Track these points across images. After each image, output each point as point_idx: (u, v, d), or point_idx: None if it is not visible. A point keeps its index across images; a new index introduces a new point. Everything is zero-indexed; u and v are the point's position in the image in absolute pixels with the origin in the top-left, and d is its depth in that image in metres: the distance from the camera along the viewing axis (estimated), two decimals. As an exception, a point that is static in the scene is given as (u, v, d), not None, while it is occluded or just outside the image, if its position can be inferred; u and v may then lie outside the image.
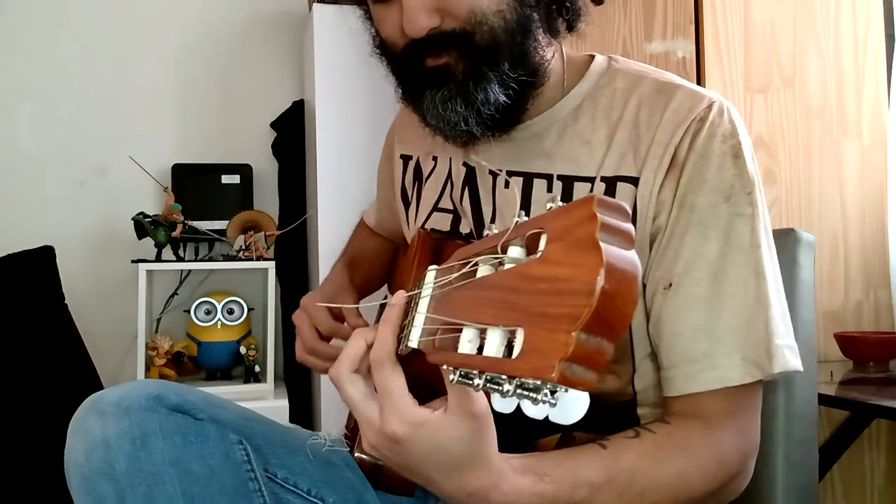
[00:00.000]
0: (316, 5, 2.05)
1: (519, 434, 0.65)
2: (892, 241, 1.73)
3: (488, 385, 0.42)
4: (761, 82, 1.69)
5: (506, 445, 0.60)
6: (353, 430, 0.89)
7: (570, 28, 0.81)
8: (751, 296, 0.72)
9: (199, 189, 2.26)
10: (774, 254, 0.77)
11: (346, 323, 0.97)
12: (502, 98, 0.75)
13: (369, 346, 0.59)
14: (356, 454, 0.81)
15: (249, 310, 2.12)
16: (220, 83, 2.38)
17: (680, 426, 0.71)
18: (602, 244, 0.36)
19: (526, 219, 0.44)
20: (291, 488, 0.81)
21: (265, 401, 1.94)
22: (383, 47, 0.81)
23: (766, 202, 0.79)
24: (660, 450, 0.68)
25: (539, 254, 0.40)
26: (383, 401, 0.56)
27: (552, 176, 0.81)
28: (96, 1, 2.30)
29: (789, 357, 0.73)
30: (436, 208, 0.92)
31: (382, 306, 1.18)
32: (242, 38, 2.39)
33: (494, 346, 0.42)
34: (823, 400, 1.26)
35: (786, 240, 0.98)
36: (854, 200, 1.74)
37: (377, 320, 0.69)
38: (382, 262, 1.18)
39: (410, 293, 0.58)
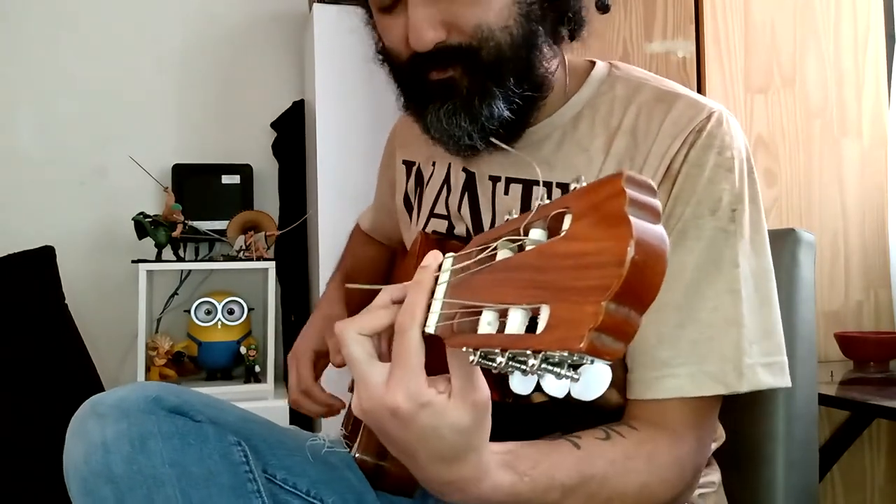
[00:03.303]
0: (316, 5, 2.05)
1: (519, 433, 0.65)
2: (892, 241, 1.73)
3: (510, 364, 0.42)
4: (761, 82, 1.69)
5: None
6: (351, 431, 0.89)
7: (573, 37, 0.81)
8: (721, 313, 0.72)
9: (199, 189, 2.26)
10: (766, 271, 0.76)
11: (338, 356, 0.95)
12: (506, 114, 0.75)
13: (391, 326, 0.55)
14: (356, 455, 0.81)
15: (250, 310, 2.12)
16: (220, 83, 2.38)
17: (649, 436, 0.71)
18: (631, 217, 0.36)
19: (548, 201, 0.44)
20: (290, 489, 0.81)
21: (265, 401, 1.94)
22: (386, 55, 0.80)
23: (767, 202, 0.78)
24: (629, 459, 0.68)
25: (564, 232, 0.40)
26: (395, 368, 0.52)
27: (552, 183, 0.80)
28: (96, 1, 2.30)
29: (763, 376, 0.72)
30: (432, 214, 0.92)
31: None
32: (242, 38, 2.39)
33: (516, 324, 0.42)
34: (823, 400, 1.26)
35: (786, 240, 0.98)
36: (854, 200, 1.74)
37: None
38: (380, 271, 1.18)
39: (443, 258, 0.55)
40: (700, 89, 1.66)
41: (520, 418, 0.79)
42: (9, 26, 2.24)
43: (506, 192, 0.84)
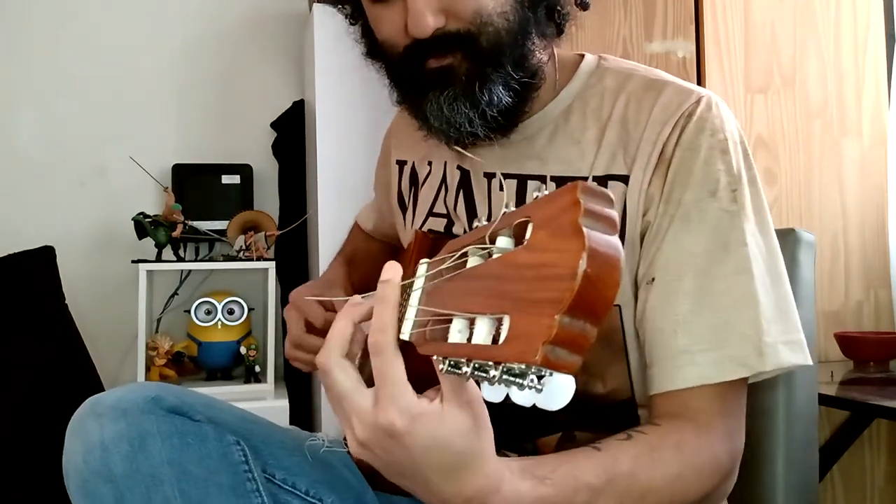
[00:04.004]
0: (316, 5, 2.05)
1: (519, 433, 0.65)
2: (892, 241, 1.73)
3: (476, 373, 0.42)
4: (761, 82, 1.69)
5: (506, 444, 0.60)
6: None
7: (560, 31, 0.81)
8: (735, 293, 0.71)
9: (199, 189, 2.26)
10: (773, 250, 0.76)
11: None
12: (506, 100, 0.75)
13: (356, 324, 0.55)
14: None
15: (250, 310, 2.12)
16: (220, 83, 2.37)
17: (672, 428, 0.70)
18: (585, 229, 0.36)
19: (513, 209, 0.45)
20: (290, 489, 0.80)
21: (265, 401, 1.94)
22: (377, 49, 0.80)
23: (766, 202, 0.78)
24: (655, 451, 0.67)
25: (525, 242, 0.40)
26: (381, 389, 0.51)
27: (546, 177, 0.81)
28: (96, 1, 2.30)
29: (784, 354, 0.71)
30: (431, 213, 0.92)
31: None
32: (243, 38, 2.39)
33: (483, 334, 0.42)
34: (823, 400, 1.26)
35: (786, 240, 0.98)
36: (854, 200, 1.74)
37: None
38: (375, 262, 1.18)
39: (405, 282, 0.56)
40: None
41: (518, 419, 0.78)
42: (9, 26, 2.24)
43: (501, 188, 0.84)
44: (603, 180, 0.77)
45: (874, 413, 1.42)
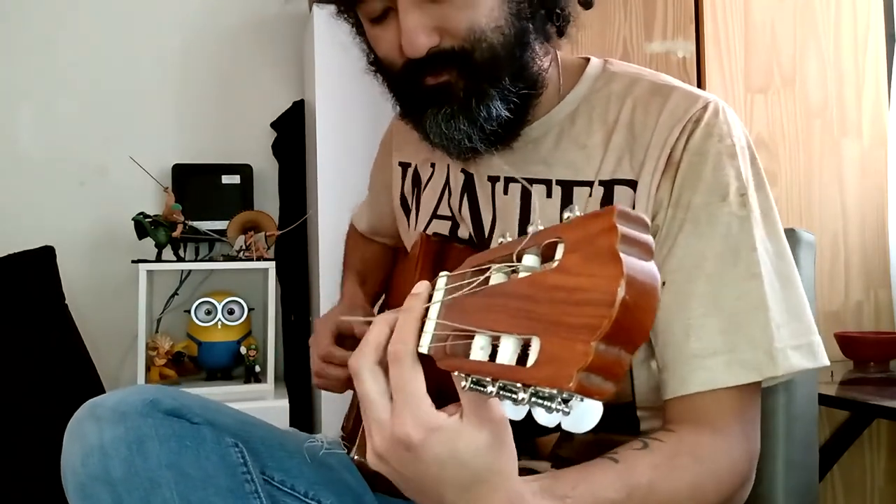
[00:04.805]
0: (316, 6, 2.05)
1: (517, 432, 0.65)
2: (892, 241, 1.73)
3: (501, 393, 0.42)
4: (761, 82, 1.69)
5: None
6: (350, 432, 0.89)
7: (561, 33, 0.81)
8: (745, 298, 0.71)
9: (199, 189, 2.26)
10: (782, 253, 0.76)
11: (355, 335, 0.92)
12: (504, 113, 0.75)
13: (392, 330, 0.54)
14: (354, 456, 0.81)
15: (250, 310, 2.12)
16: (220, 83, 2.37)
17: (688, 434, 0.69)
18: (622, 255, 0.36)
19: (542, 228, 0.44)
20: (288, 491, 0.80)
21: (265, 401, 1.94)
22: (379, 65, 0.80)
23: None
24: (672, 460, 0.66)
25: (556, 263, 0.40)
26: (398, 399, 0.51)
27: (551, 181, 0.80)
28: (96, 2, 2.30)
29: (795, 358, 0.71)
30: (435, 215, 0.92)
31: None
32: (243, 38, 2.39)
33: (508, 354, 0.42)
34: (824, 400, 1.25)
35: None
36: (854, 200, 1.74)
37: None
38: (384, 269, 1.18)
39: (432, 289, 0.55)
40: (700, 89, 1.66)
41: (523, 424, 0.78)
42: (9, 26, 2.24)
43: (505, 192, 0.84)
44: (609, 184, 0.77)
45: (874, 413, 1.42)
